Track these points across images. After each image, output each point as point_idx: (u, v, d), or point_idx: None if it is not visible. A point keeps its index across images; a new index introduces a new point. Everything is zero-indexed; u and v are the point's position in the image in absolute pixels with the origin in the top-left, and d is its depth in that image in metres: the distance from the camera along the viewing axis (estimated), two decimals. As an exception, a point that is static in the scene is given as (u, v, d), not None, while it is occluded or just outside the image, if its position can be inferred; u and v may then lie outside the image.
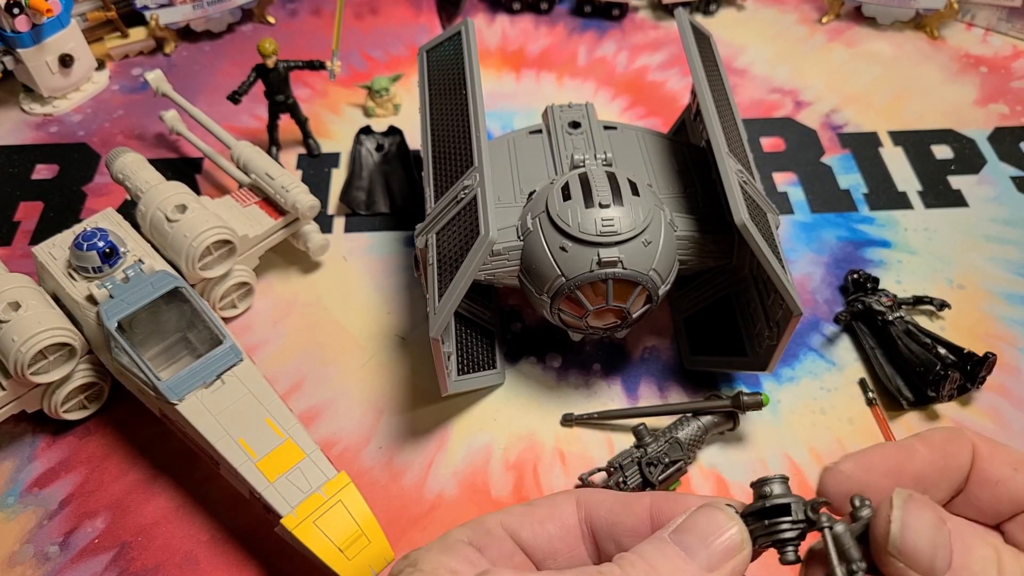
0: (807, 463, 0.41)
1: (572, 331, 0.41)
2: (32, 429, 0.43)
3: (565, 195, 0.38)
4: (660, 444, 0.37)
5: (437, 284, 0.36)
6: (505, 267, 0.40)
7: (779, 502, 0.20)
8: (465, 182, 0.38)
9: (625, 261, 0.37)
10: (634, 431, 0.37)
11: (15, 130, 0.59)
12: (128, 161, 0.47)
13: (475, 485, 0.40)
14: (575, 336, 0.42)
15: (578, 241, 0.37)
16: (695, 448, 0.38)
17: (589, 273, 0.37)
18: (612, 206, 0.37)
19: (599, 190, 0.38)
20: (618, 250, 0.37)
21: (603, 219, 0.37)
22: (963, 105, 0.61)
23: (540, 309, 0.40)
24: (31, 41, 0.56)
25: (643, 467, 0.36)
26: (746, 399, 0.39)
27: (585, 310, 0.38)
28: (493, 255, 0.39)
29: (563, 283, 0.37)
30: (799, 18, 0.69)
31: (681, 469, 0.37)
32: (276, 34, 0.67)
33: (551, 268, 0.37)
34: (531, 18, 0.69)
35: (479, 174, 0.38)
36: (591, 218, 0.37)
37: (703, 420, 0.38)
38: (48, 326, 0.38)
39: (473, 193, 0.37)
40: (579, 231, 0.37)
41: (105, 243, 0.40)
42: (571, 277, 0.37)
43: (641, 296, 0.38)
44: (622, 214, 0.37)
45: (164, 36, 0.65)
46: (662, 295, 0.39)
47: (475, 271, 0.34)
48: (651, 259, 0.37)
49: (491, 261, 0.39)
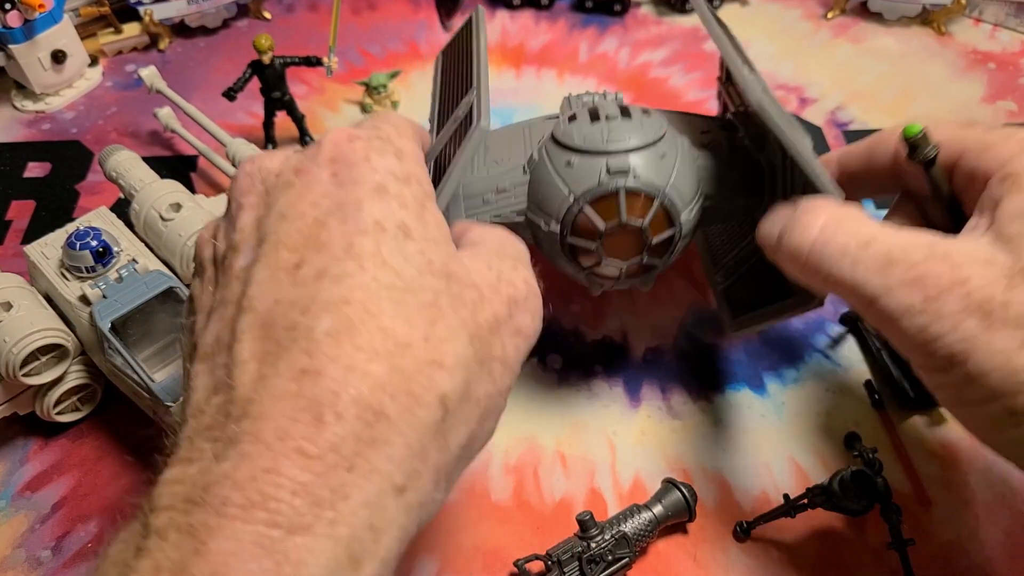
0: (812, 467, 0.40)
1: (590, 276, 0.37)
2: (24, 432, 0.42)
3: (571, 120, 0.36)
4: (606, 538, 0.35)
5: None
6: (512, 205, 0.36)
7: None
8: (463, 101, 0.35)
9: (638, 170, 0.33)
10: (579, 520, 0.35)
11: (7, 127, 0.59)
12: (121, 159, 0.47)
13: (474, 489, 0.39)
14: (595, 289, 0.39)
15: (584, 152, 0.34)
16: (644, 541, 0.35)
17: (598, 186, 0.33)
18: (619, 119, 0.34)
19: (606, 109, 0.35)
20: (628, 158, 0.33)
21: (609, 129, 0.34)
22: (971, 102, 0.60)
23: (552, 254, 0.37)
24: (23, 37, 0.56)
25: (583, 564, 0.34)
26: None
27: (598, 232, 0.34)
28: (499, 192, 0.36)
29: (571, 203, 0.34)
30: (804, 13, 0.68)
31: (626, 566, 0.35)
32: (272, 30, 0.66)
33: (558, 189, 0.34)
34: (531, 14, 0.69)
35: (477, 88, 0.35)
36: (597, 130, 0.34)
37: (655, 511, 0.36)
38: (40, 327, 0.38)
39: (470, 102, 0.34)
40: (584, 143, 0.34)
41: (98, 242, 0.39)
42: (579, 193, 0.34)
43: (660, 216, 0.34)
44: (630, 125, 0.34)
45: (158, 32, 0.64)
46: (686, 224, 0.35)
47: (469, 159, 0.32)
48: (668, 174, 0.34)
49: (498, 199, 0.36)
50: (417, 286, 0.22)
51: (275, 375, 0.20)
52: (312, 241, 0.22)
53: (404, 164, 0.24)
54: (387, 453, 0.20)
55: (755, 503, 0.39)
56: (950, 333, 0.25)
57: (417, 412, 0.20)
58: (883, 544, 0.36)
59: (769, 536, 0.37)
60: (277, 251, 0.22)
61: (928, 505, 0.38)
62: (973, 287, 0.25)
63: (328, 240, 0.22)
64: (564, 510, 0.38)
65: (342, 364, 0.20)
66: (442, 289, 0.22)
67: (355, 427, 0.19)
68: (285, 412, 0.19)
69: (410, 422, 0.20)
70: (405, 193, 0.23)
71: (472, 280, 0.24)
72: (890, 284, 0.26)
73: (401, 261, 0.22)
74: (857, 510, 0.35)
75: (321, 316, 0.20)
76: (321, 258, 0.21)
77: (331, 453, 0.19)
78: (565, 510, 0.38)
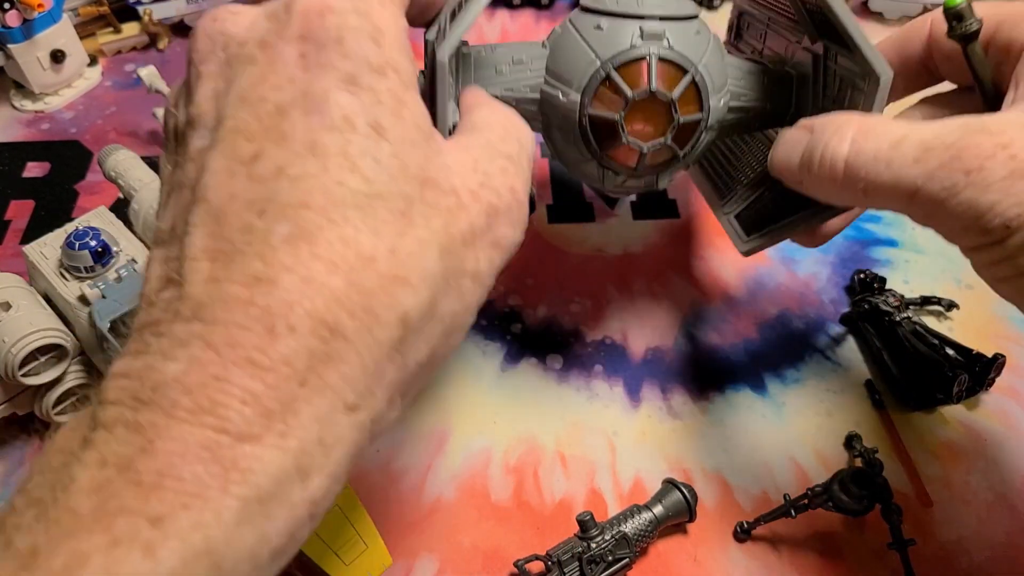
0: (813, 467, 0.40)
1: (604, 167, 0.35)
2: (23, 432, 0.42)
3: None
4: (606, 539, 0.35)
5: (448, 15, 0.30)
6: (528, 79, 0.34)
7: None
8: None
9: (672, 40, 0.32)
10: (579, 520, 0.35)
11: (6, 127, 0.58)
12: (121, 159, 0.46)
13: (474, 489, 0.39)
14: (608, 185, 0.36)
15: (616, 16, 0.32)
16: (644, 541, 0.35)
17: (629, 49, 0.31)
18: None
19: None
20: (663, 25, 0.32)
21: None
22: (970, 101, 0.60)
23: (564, 146, 0.35)
24: (22, 36, 0.55)
25: (583, 564, 0.34)
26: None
27: (624, 100, 0.32)
28: (515, 63, 0.34)
29: (598, 66, 0.32)
30: (803, 13, 0.68)
31: (627, 566, 0.35)
32: (272, 29, 0.66)
33: (584, 52, 0.32)
34: (532, 13, 0.68)
35: None
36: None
37: (656, 511, 0.36)
38: (39, 327, 0.38)
39: None
40: (617, 5, 0.32)
41: (97, 242, 0.39)
42: (607, 57, 0.32)
43: (690, 93, 0.32)
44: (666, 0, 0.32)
45: (158, 31, 0.64)
46: (714, 113, 0.33)
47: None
48: (701, 51, 0.32)
49: (513, 70, 0.34)
50: (387, 192, 0.20)
51: (227, 279, 0.19)
52: (272, 132, 0.20)
53: (382, 50, 0.21)
54: (341, 371, 0.19)
55: (755, 503, 0.39)
56: (1002, 200, 0.24)
57: (376, 331, 0.19)
58: (884, 544, 0.36)
59: (770, 536, 0.37)
60: (235, 138, 0.20)
61: (929, 505, 0.38)
62: (1017, 149, 0.24)
63: (290, 132, 0.20)
64: (564, 510, 0.38)
65: (298, 274, 0.19)
66: (416, 196, 0.21)
67: (309, 342, 0.18)
68: (237, 320, 0.18)
69: (367, 341, 0.19)
70: (380, 86, 0.21)
71: (452, 184, 0.22)
72: (929, 169, 0.25)
73: (371, 164, 0.20)
74: (858, 510, 0.35)
75: (279, 220, 0.19)
76: (281, 152, 0.20)
77: (283, 366, 0.18)
78: (565, 510, 0.38)
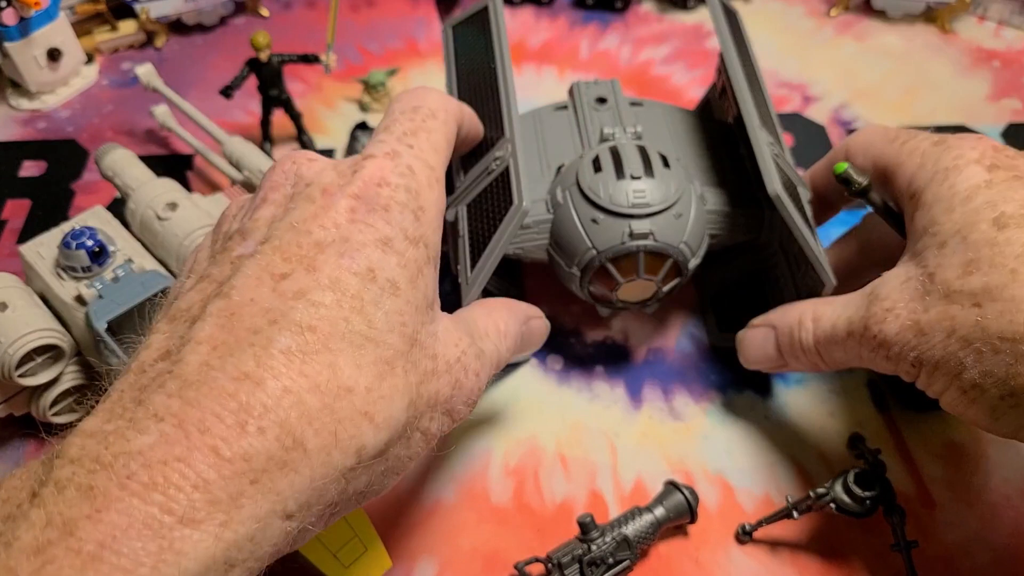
0: (815, 468, 0.40)
1: (601, 306, 0.41)
2: (19, 433, 0.41)
3: (596, 167, 0.38)
4: (607, 541, 0.34)
5: (469, 256, 0.37)
6: (535, 240, 0.40)
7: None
8: (496, 153, 0.38)
9: (656, 234, 0.37)
10: (580, 522, 0.35)
11: (2, 126, 0.58)
12: (117, 157, 0.46)
13: (474, 491, 0.39)
14: (603, 312, 0.42)
15: (610, 213, 0.37)
16: (645, 543, 0.35)
17: (621, 245, 0.37)
18: (643, 178, 0.37)
19: (629, 162, 0.38)
20: (649, 222, 0.37)
21: (634, 191, 0.37)
22: (976, 100, 0.60)
23: (569, 283, 0.40)
24: (18, 34, 0.55)
25: (584, 566, 0.34)
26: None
27: (616, 283, 0.38)
28: (523, 228, 0.39)
29: (594, 255, 0.37)
30: (807, 11, 0.68)
31: (628, 568, 0.35)
32: (270, 27, 0.66)
33: (582, 240, 0.38)
34: (531, 10, 0.68)
35: (511, 145, 0.38)
36: (622, 190, 0.37)
37: (657, 513, 0.36)
38: (36, 327, 0.37)
39: (505, 164, 0.37)
40: (610, 203, 0.37)
41: (94, 242, 0.39)
42: (602, 249, 0.37)
43: (672, 269, 0.38)
44: (653, 187, 0.37)
45: (155, 29, 0.64)
46: (692, 269, 0.39)
47: (508, 241, 0.35)
48: (682, 232, 0.37)
49: (521, 234, 0.39)
50: (382, 339, 0.23)
51: (220, 368, 0.21)
52: (306, 260, 0.23)
53: (419, 225, 0.26)
54: (291, 480, 0.20)
55: (757, 505, 0.38)
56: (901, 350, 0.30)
57: (333, 454, 0.21)
58: (887, 546, 0.35)
59: (772, 538, 0.37)
60: (274, 254, 0.23)
61: (932, 507, 0.38)
62: (900, 308, 0.30)
63: (321, 265, 0.23)
64: (565, 512, 0.38)
65: (282, 384, 0.21)
66: (403, 351, 0.24)
67: (271, 446, 0.20)
68: (214, 408, 0.20)
69: (323, 460, 0.21)
70: (408, 254, 0.25)
71: (435, 350, 0.26)
72: (856, 342, 0.31)
73: (377, 312, 0.23)
74: (861, 512, 0.34)
75: (284, 332, 0.21)
76: (308, 279, 0.23)
77: (242, 461, 0.19)
78: (566, 512, 0.38)
